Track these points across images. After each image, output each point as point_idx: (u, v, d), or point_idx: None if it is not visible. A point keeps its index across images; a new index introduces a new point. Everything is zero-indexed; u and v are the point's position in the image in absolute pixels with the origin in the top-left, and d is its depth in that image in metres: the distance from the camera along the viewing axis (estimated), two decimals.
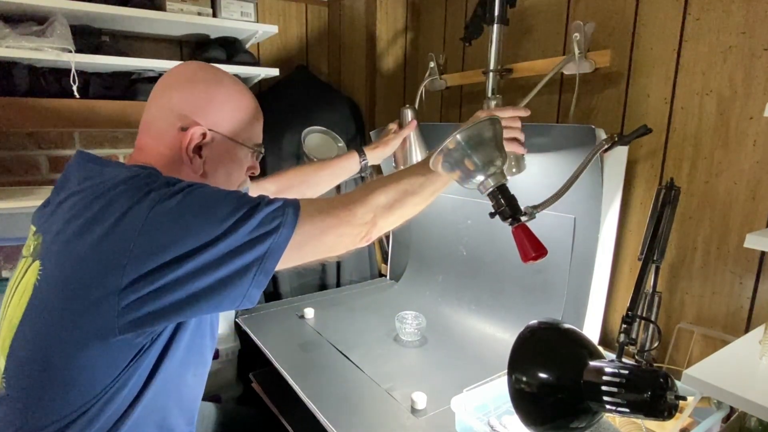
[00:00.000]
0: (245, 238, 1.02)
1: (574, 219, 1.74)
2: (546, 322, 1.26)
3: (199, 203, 1.03)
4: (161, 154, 1.20)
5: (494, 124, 1.38)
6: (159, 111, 1.22)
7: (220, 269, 1.00)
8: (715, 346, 1.56)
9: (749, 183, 1.49)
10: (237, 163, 1.31)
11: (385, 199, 1.25)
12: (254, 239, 1.02)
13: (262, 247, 1.03)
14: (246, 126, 1.29)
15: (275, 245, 1.04)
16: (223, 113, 1.24)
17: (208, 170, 1.24)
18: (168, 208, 0.99)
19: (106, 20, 2.01)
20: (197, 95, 1.22)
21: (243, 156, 1.31)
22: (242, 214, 1.03)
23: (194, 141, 1.19)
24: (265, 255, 1.03)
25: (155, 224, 0.97)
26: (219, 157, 1.25)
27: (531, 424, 1.18)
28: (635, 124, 1.70)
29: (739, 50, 1.48)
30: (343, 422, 1.48)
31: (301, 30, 2.84)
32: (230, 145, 1.26)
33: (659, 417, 1.03)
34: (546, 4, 2.00)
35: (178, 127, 1.19)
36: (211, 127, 1.21)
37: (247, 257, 1.02)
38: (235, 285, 1.02)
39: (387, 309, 2.31)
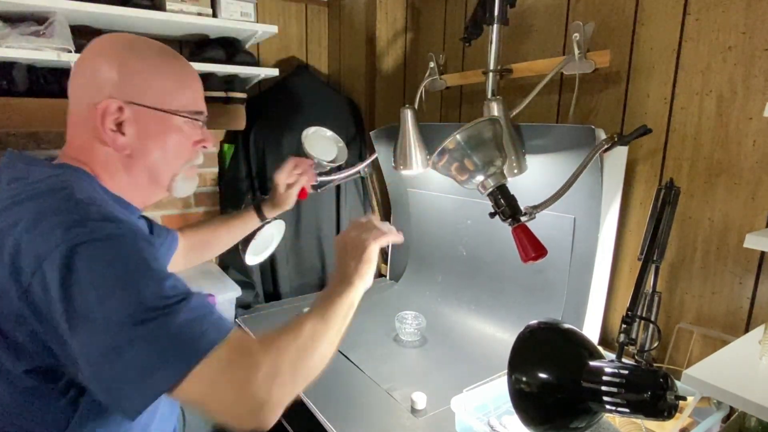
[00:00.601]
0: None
1: (574, 219, 1.75)
2: (546, 322, 1.26)
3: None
4: (83, 145, 1.10)
5: (494, 124, 1.38)
6: (73, 96, 1.11)
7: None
8: (715, 346, 1.56)
9: (749, 183, 1.49)
10: (174, 137, 1.16)
11: (287, 367, 0.99)
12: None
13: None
14: (174, 92, 1.15)
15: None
16: (139, 82, 1.09)
17: (136, 149, 1.12)
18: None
19: (106, 20, 2.00)
20: (107, 67, 1.07)
21: (180, 127, 1.17)
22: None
23: (108, 117, 1.06)
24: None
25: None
26: (147, 132, 1.12)
27: (531, 424, 1.18)
28: (635, 124, 1.70)
29: (738, 50, 1.48)
30: (342, 422, 1.49)
31: (301, 30, 2.84)
32: (158, 116, 1.12)
33: (659, 417, 1.03)
34: (546, 5, 2.00)
35: (93, 104, 1.06)
36: (129, 99, 1.08)
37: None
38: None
39: (387, 309, 2.31)
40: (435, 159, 1.41)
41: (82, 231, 0.87)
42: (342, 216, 2.65)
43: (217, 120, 2.27)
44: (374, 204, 2.69)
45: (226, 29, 2.23)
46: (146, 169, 1.15)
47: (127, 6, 1.93)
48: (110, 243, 0.89)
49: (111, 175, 1.12)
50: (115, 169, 1.12)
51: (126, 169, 1.13)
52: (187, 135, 1.19)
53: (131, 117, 1.08)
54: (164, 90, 1.13)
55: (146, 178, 1.17)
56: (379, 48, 2.59)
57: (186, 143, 1.20)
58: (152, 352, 0.84)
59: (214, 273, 2.37)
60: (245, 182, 2.50)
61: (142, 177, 1.16)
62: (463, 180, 1.42)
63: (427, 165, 2.06)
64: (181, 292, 0.92)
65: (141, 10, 1.93)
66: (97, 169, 1.11)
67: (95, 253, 0.87)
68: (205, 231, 1.75)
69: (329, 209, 2.64)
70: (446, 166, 1.41)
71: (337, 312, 1.17)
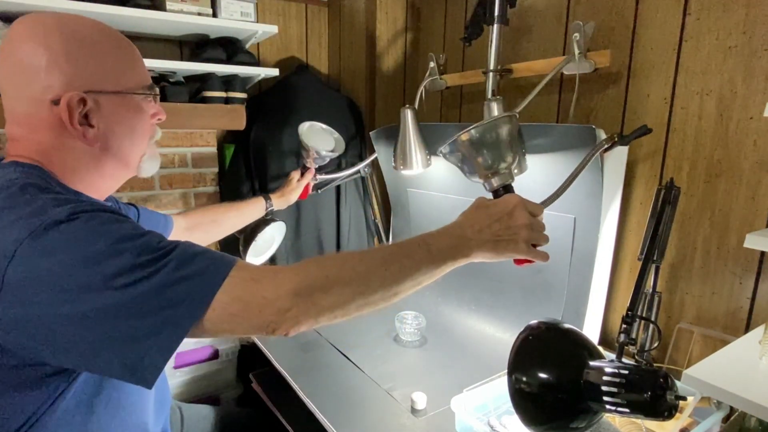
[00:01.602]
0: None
1: (574, 219, 1.75)
2: (546, 322, 1.26)
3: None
4: (40, 143, 1.03)
5: (511, 121, 1.38)
6: (8, 92, 1.03)
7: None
8: (715, 346, 1.56)
9: (749, 183, 1.49)
10: (137, 117, 1.13)
11: (322, 279, 0.95)
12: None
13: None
14: (126, 71, 1.10)
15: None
16: (92, 68, 1.03)
17: (107, 138, 1.08)
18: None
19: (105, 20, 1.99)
20: (48, 58, 0.99)
21: (140, 106, 1.14)
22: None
23: (75, 111, 1.00)
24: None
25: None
26: (113, 118, 1.08)
27: (531, 424, 1.18)
28: (635, 124, 1.71)
29: (739, 50, 1.48)
30: (343, 422, 1.49)
31: (301, 30, 2.84)
32: (120, 100, 1.08)
33: (659, 417, 1.03)
34: (546, 5, 2.00)
35: (48, 102, 0.99)
36: (87, 88, 1.02)
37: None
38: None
39: (386, 309, 2.29)
40: (446, 149, 1.41)
41: (45, 217, 0.85)
42: (342, 216, 2.65)
43: (218, 120, 2.27)
44: (374, 204, 2.69)
45: (226, 29, 2.23)
46: (116, 157, 1.12)
47: (127, 6, 1.93)
48: (79, 221, 0.87)
49: (74, 171, 1.07)
50: (82, 163, 1.08)
51: (96, 162, 1.09)
52: (144, 111, 1.16)
53: (94, 107, 1.04)
54: (117, 71, 1.08)
55: (116, 164, 1.14)
56: (379, 48, 2.59)
57: (145, 121, 1.17)
58: (164, 301, 0.84)
59: None
60: (245, 182, 2.50)
61: (112, 165, 1.13)
62: (470, 174, 1.42)
63: (428, 165, 2.06)
64: (170, 242, 0.91)
65: (141, 10, 1.93)
66: (58, 167, 1.04)
67: (70, 232, 0.85)
68: (214, 211, 1.82)
69: (329, 209, 2.64)
70: (455, 158, 1.41)
71: (415, 268, 1.03)
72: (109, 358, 0.84)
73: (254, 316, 0.89)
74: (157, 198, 2.48)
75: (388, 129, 2.34)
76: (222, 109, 2.28)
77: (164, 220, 1.59)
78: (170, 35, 2.37)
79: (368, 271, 0.98)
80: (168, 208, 2.50)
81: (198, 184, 2.59)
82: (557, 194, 1.43)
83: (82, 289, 0.82)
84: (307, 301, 0.91)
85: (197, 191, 2.58)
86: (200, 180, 2.59)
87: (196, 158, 2.56)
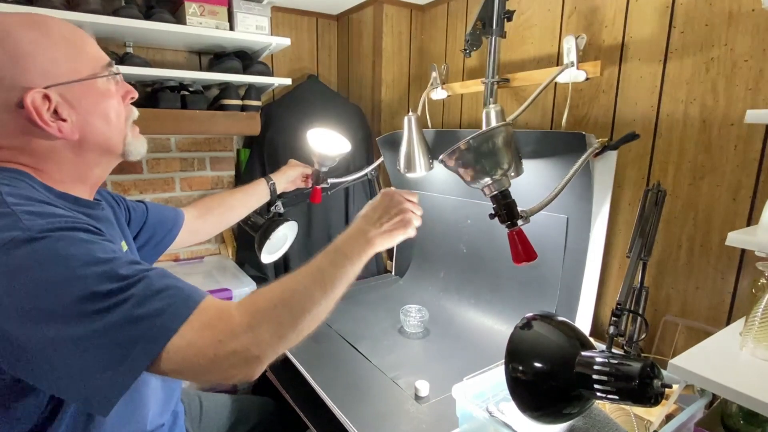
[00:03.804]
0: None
1: (567, 219, 1.75)
2: (541, 314, 1.27)
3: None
4: (21, 148, 0.97)
5: (507, 130, 1.39)
6: None
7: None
8: (699, 337, 1.56)
9: (730, 185, 1.50)
10: (106, 100, 1.05)
11: (271, 311, 0.92)
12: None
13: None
14: (78, 56, 1.01)
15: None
16: (45, 62, 0.95)
17: (82, 129, 1.01)
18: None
19: (130, 32, 2.02)
20: (1, 65, 0.92)
21: (107, 88, 1.05)
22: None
23: (42, 108, 0.94)
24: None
25: None
26: (83, 107, 1.01)
27: (527, 410, 1.18)
28: (624, 130, 1.71)
29: (720, 61, 1.49)
30: (351, 409, 1.49)
31: (312, 42, 2.85)
32: (82, 87, 1.00)
33: (646, 404, 1.04)
34: (541, 19, 2.00)
35: (14, 107, 0.93)
36: (47, 83, 0.95)
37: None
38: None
39: (392, 303, 2.31)
40: (446, 157, 1.41)
41: (12, 233, 0.80)
42: (350, 216, 2.66)
43: (235, 126, 2.28)
44: None
45: (243, 42, 2.24)
46: (98, 145, 1.05)
47: (151, 20, 1.94)
48: (47, 240, 0.81)
49: (58, 168, 1.02)
50: (66, 159, 1.02)
51: (78, 153, 1.03)
52: (112, 94, 1.07)
53: (60, 100, 0.97)
54: (70, 59, 0.99)
55: (99, 152, 1.07)
56: (384, 59, 2.59)
57: (118, 101, 1.09)
58: (120, 338, 0.79)
59: (231, 269, 2.38)
60: None
61: (95, 154, 1.06)
62: (469, 180, 1.42)
63: (431, 168, 2.07)
64: (138, 271, 0.85)
65: (164, 23, 1.94)
66: (43, 168, 1.00)
67: (35, 253, 0.79)
68: (221, 196, 1.79)
69: (338, 210, 2.64)
70: (455, 165, 1.42)
71: (342, 273, 1.06)
72: (65, 385, 0.79)
73: (209, 362, 0.84)
74: (177, 199, 2.50)
75: (393, 135, 2.35)
76: (239, 116, 2.29)
77: (174, 214, 1.57)
78: (190, 47, 2.38)
79: (307, 288, 0.98)
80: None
81: (216, 186, 2.60)
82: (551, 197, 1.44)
83: (41, 314, 0.77)
84: (262, 333, 0.88)
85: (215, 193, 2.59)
86: (218, 182, 2.60)
87: (214, 162, 2.57)
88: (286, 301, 0.93)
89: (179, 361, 0.82)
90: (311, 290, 0.98)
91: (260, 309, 0.90)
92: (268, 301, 0.92)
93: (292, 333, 0.93)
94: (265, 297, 0.93)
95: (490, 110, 1.73)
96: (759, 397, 0.98)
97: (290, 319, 0.92)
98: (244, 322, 0.87)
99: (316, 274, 1.02)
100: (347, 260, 1.08)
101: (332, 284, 1.02)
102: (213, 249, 2.65)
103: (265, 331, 0.88)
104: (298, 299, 0.95)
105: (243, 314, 0.88)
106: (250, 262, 2.42)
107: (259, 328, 0.87)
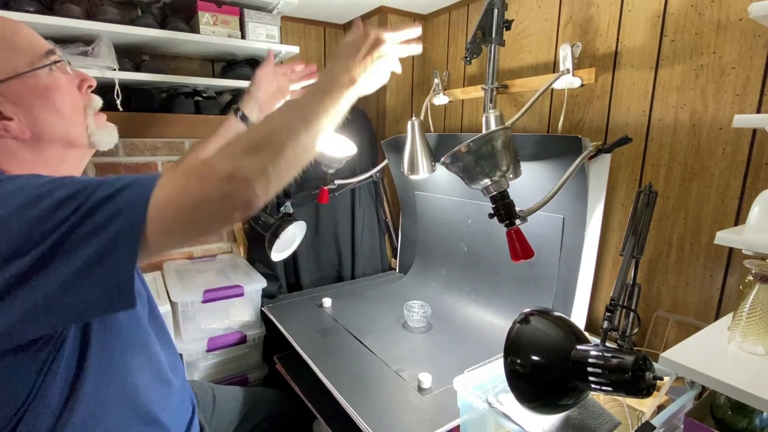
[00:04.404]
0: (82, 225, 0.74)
1: (563, 218, 1.75)
2: (538, 310, 1.27)
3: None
4: None
5: (505, 133, 1.39)
6: None
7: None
8: (689, 331, 1.56)
9: (719, 186, 1.50)
10: (53, 93, 0.97)
11: (248, 141, 0.84)
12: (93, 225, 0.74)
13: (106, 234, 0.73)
14: (13, 51, 0.93)
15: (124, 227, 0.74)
16: None
17: (33, 125, 0.95)
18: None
19: (146, 42, 2.02)
20: None
21: (52, 79, 0.98)
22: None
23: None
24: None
25: None
26: (27, 102, 0.94)
27: (524, 401, 1.19)
28: (617, 134, 1.71)
29: (709, 68, 1.49)
30: (357, 400, 1.50)
31: (320, 50, 2.85)
32: (21, 82, 0.93)
33: (639, 395, 1.04)
34: (538, 28, 2.00)
35: None
36: None
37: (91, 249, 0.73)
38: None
39: (396, 299, 2.32)
40: (447, 160, 1.42)
41: None
42: (356, 216, 2.66)
43: None
44: (385, 205, 2.70)
45: (253, 49, 2.24)
46: (56, 140, 0.99)
47: (166, 29, 1.94)
48: (5, 180, 0.78)
49: (21, 167, 0.95)
50: (26, 158, 0.96)
51: (36, 151, 0.97)
52: (64, 84, 1.00)
53: (1, 99, 0.91)
54: (3, 55, 0.91)
55: (59, 147, 1.00)
56: None
57: (71, 91, 1.02)
58: (106, 215, 0.73)
59: (243, 267, 2.38)
60: None
61: (55, 149, 0.99)
62: (469, 181, 1.43)
63: (433, 170, 2.07)
64: (91, 178, 0.79)
65: (179, 32, 1.95)
66: (2, 167, 0.93)
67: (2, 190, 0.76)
68: (195, 148, 1.54)
69: (345, 209, 2.65)
70: (456, 168, 1.42)
71: (324, 107, 0.94)
72: (85, 289, 0.74)
73: (199, 192, 0.77)
74: None
75: (397, 138, 2.36)
76: None
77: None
78: (204, 55, 2.38)
79: (288, 122, 0.88)
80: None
81: None
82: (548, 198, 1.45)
83: (25, 235, 0.72)
84: (243, 162, 0.80)
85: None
86: None
87: None
88: (265, 135, 0.85)
89: (166, 213, 0.76)
90: (293, 124, 0.88)
91: (240, 142, 0.83)
92: (247, 138, 0.85)
93: (277, 160, 0.83)
94: (243, 138, 0.85)
95: (490, 115, 1.74)
96: (746, 389, 0.99)
97: (272, 149, 0.83)
98: (222, 159, 0.80)
99: (297, 109, 0.92)
100: (327, 95, 0.95)
101: (315, 117, 0.91)
102: (225, 248, 2.65)
103: (245, 160, 0.80)
104: (279, 131, 0.86)
105: (219, 154, 0.81)
106: (260, 260, 2.42)
107: (239, 159, 0.80)
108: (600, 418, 1.23)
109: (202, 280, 2.18)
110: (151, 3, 2.09)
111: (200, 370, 2.08)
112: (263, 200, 0.81)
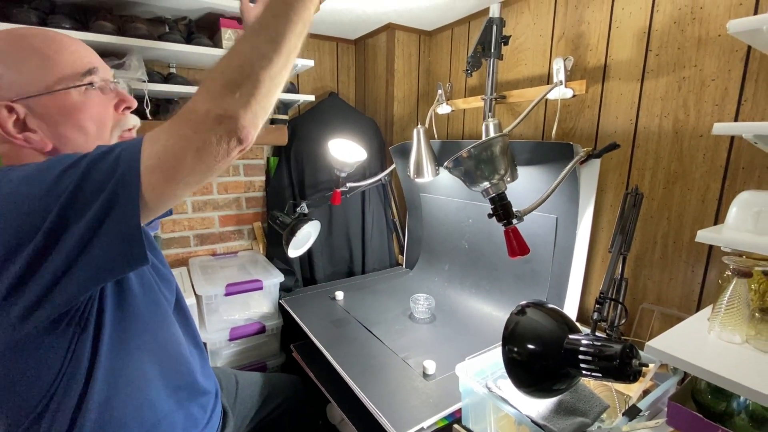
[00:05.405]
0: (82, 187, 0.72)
1: (556, 218, 1.76)
2: (533, 302, 1.28)
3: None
4: (3, 154, 0.91)
5: (503, 140, 1.40)
6: None
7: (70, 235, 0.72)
8: (672, 322, 1.56)
9: (699, 189, 1.50)
10: (79, 111, 0.92)
11: (224, 77, 0.76)
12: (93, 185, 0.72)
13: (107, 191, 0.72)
14: (50, 67, 0.90)
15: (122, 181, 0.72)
16: (12, 73, 0.87)
17: (54, 138, 0.91)
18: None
19: (173, 55, 2.03)
20: None
21: (81, 99, 0.93)
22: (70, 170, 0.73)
23: (7, 121, 0.87)
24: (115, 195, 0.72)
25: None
26: (52, 118, 0.90)
27: (521, 386, 1.19)
28: (606, 141, 1.72)
29: (691, 80, 1.49)
30: (367, 385, 1.51)
31: (333, 63, 2.86)
32: (52, 99, 0.89)
33: (626, 381, 1.05)
34: (533, 43, 2.00)
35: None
36: (14, 96, 0.87)
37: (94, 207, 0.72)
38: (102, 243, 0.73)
39: (403, 292, 2.33)
40: (450, 164, 1.43)
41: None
42: (366, 216, 2.67)
43: (265, 137, 2.29)
44: (393, 206, 2.71)
45: None
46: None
47: (192, 44, 1.95)
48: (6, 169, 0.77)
49: None
50: None
51: None
52: (96, 103, 0.96)
53: (27, 112, 0.88)
54: (40, 72, 0.89)
55: None
56: (396, 78, 2.60)
57: (105, 110, 0.97)
58: (101, 176, 0.72)
59: (262, 263, 2.40)
60: (287, 188, 2.52)
61: None
62: (470, 184, 1.43)
63: (437, 174, 2.08)
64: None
65: (203, 47, 1.96)
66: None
67: (7, 175, 0.75)
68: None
69: (356, 210, 2.65)
70: (458, 171, 1.43)
71: (292, 25, 0.80)
72: (99, 245, 0.73)
73: (196, 138, 0.74)
74: (215, 201, 2.52)
75: (404, 145, 2.36)
76: (268, 128, 2.30)
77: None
78: None
79: (259, 46, 0.78)
80: (224, 210, 2.54)
81: (248, 190, 2.62)
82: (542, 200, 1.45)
83: (34, 202, 0.71)
84: (232, 97, 0.75)
85: (247, 196, 2.61)
86: (250, 186, 2.62)
87: (247, 168, 2.59)
88: (239, 68, 0.77)
89: (162, 160, 0.74)
90: (263, 50, 0.78)
91: (218, 80, 0.76)
92: (222, 73, 0.77)
93: (257, 91, 0.77)
94: (218, 73, 0.77)
95: (489, 123, 1.74)
96: (724, 375, 0.99)
97: (250, 82, 0.76)
98: (205, 100, 0.75)
99: (264, 32, 0.79)
100: (291, 9, 0.80)
101: (284, 37, 0.79)
102: (246, 245, 2.67)
103: (229, 99, 0.75)
104: (252, 62, 0.77)
105: (200, 95, 0.76)
106: (278, 257, 2.43)
107: (222, 99, 0.75)
108: (590, 401, 1.23)
109: (225, 275, 2.19)
110: (177, 20, 2.11)
111: (223, 358, 2.10)
112: (256, 131, 0.79)
